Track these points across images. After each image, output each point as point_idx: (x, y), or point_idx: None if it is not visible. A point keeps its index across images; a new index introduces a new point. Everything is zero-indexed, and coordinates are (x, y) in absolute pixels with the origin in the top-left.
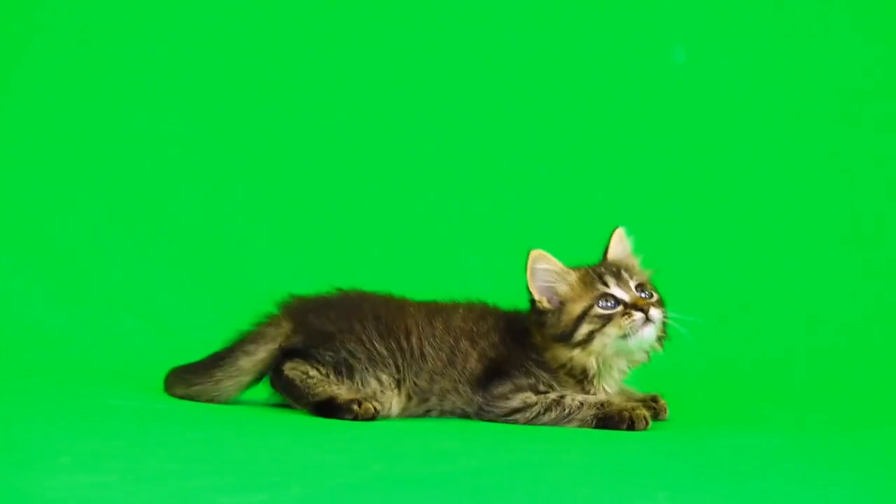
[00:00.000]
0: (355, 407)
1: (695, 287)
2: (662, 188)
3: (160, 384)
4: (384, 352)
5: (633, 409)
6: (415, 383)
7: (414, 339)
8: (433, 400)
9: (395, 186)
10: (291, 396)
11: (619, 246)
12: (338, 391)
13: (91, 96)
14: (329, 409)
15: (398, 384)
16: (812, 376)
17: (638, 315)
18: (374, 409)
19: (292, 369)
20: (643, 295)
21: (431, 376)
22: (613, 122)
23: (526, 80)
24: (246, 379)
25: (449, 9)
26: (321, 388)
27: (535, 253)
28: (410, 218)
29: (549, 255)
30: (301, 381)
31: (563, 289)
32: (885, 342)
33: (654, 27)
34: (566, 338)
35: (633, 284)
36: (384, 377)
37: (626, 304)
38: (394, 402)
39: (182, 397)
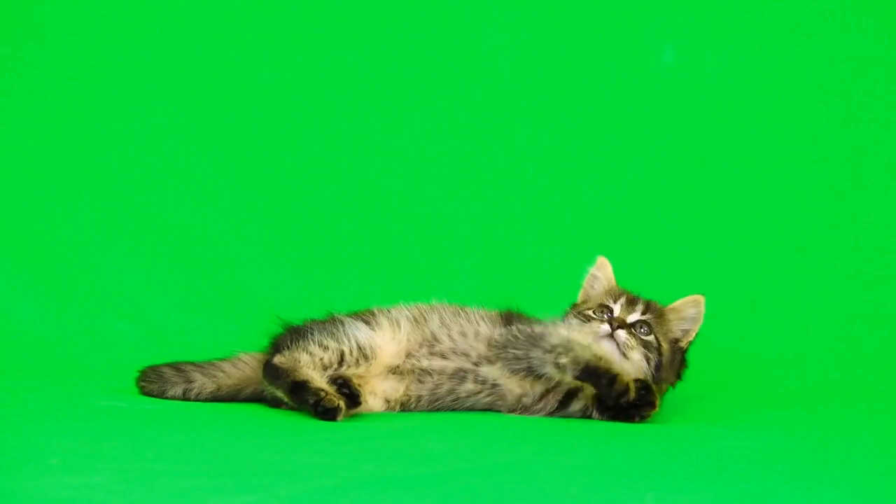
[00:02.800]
0: (322, 394)
1: (683, 288)
2: (652, 189)
3: None
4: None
5: (629, 380)
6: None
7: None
8: (443, 345)
9: (386, 189)
10: (272, 378)
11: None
12: (315, 378)
13: (82, 102)
14: (300, 391)
15: (395, 328)
16: (802, 377)
17: (604, 327)
18: (337, 405)
19: (281, 357)
20: (630, 320)
21: (442, 322)
22: (603, 123)
23: (516, 81)
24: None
25: (438, 12)
26: (302, 371)
27: (600, 259)
28: (402, 220)
29: (608, 266)
30: (284, 366)
31: (592, 293)
32: (878, 343)
33: (643, 28)
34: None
35: (636, 315)
36: (378, 321)
37: (611, 318)
38: (390, 343)
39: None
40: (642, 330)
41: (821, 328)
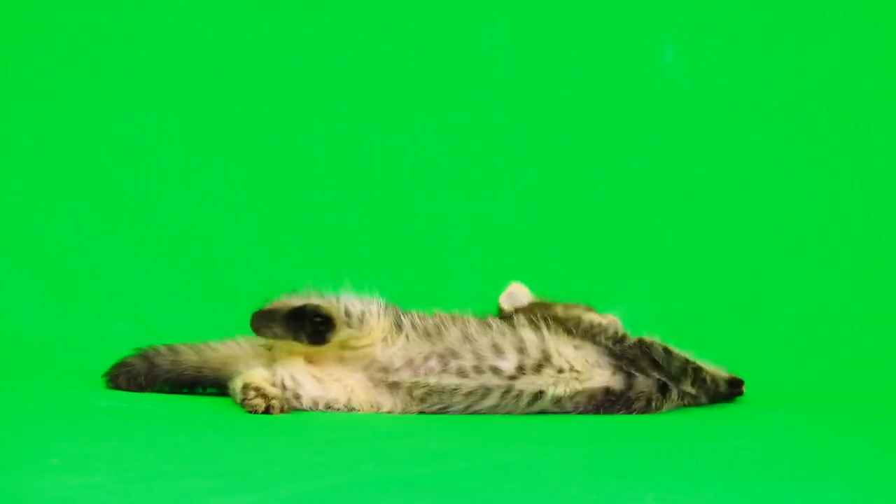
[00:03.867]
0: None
1: (683, 288)
2: (653, 189)
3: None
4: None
5: None
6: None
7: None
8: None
9: (386, 189)
10: (266, 319)
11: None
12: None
13: (82, 103)
14: (298, 315)
15: (391, 319)
16: (803, 377)
17: None
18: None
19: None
20: None
21: (465, 335)
22: (602, 123)
23: (516, 81)
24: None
25: (437, 11)
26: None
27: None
28: (402, 220)
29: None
30: (276, 305)
31: None
32: (878, 343)
33: (643, 27)
34: None
35: None
36: (369, 306)
37: None
38: (377, 329)
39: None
40: None
41: (821, 328)
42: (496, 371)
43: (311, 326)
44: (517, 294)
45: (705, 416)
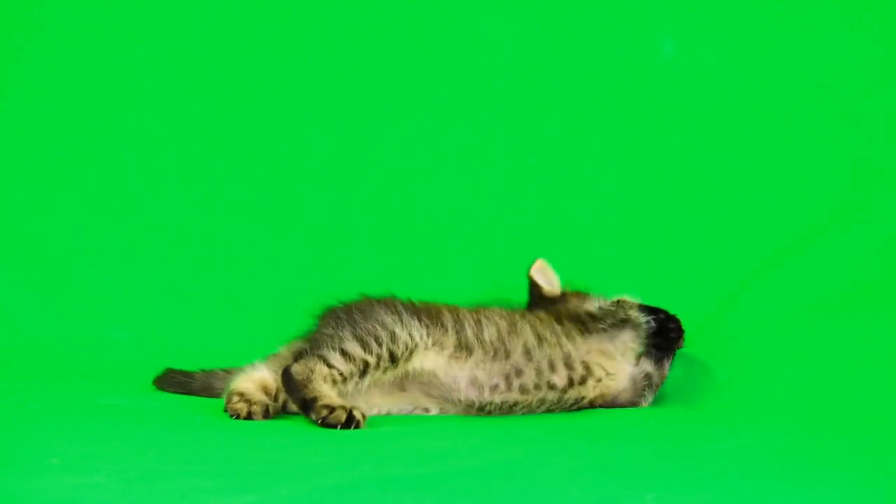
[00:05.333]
0: (324, 412)
1: (684, 283)
2: (654, 183)
3: (149, 387)
4: (421, 318)
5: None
6: (473, 337)
7: (458, 315)
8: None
9: (386, 189)
10: (286, 387)
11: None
12: (327, 394)
13: (81, 104)
14: (309, 405)
15: (441, 341)
16: (801, 377)
17: None
18: (350, 418)
19: (298, 366)
20: None
21: (499, 334)
22: (601, 116)
23: (515, 74)
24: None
25: (435, 6)
26: (318, 387)
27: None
28: (401, 220)
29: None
30: (299, 377)
31: None
32: (879, 343)
33: (642, 20)
34: None
35: None
36: (419, 331)
37: None
38: (430, 357)
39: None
40: None
41: (821, 328)
42: (552, 386)
43: (319, 424)
44: (546, 270)
45: (705, 417)
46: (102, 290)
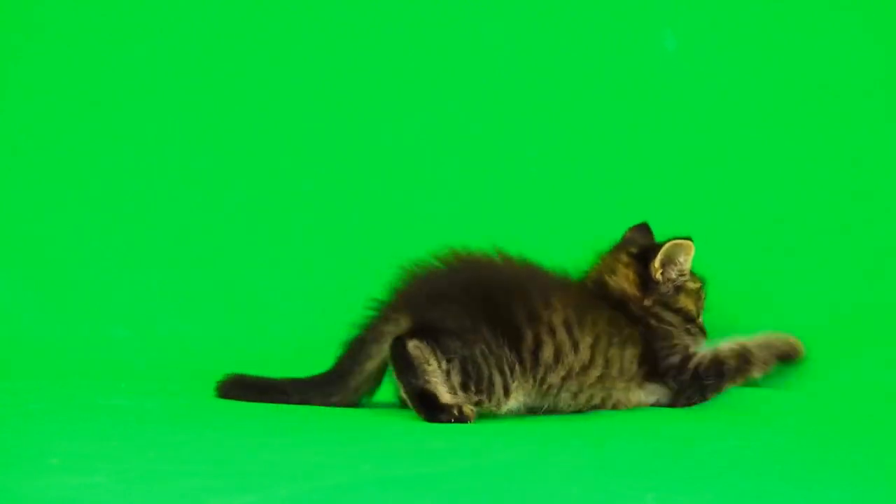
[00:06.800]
0: (455, 411)
1: None
2: (651, 178)
3: (149, 387)
4: (511, 358)
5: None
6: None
7: (549, 350)
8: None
9: (386, 189)
10: (403, 369)
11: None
12: (442, 391)
13: (81, 104)
14: (429, 403)
15: (522, 387)
16: (802, 376)
17: None
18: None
19: (416, 347)
20: None
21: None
22: (601, 111)
23: (511, 69)
24: (375, 381)
25: (427, 7)
26: (433, 380)
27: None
28: (402, 220)
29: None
30: (418, 362)
31: None
32: (879, 342)
33: (644, 13)
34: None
35: None
36: (510, 382)
37: None
38: (511, 403)
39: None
40: None
41: (821, 327)
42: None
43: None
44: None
45: (705, 417)
46: (102, 290)
